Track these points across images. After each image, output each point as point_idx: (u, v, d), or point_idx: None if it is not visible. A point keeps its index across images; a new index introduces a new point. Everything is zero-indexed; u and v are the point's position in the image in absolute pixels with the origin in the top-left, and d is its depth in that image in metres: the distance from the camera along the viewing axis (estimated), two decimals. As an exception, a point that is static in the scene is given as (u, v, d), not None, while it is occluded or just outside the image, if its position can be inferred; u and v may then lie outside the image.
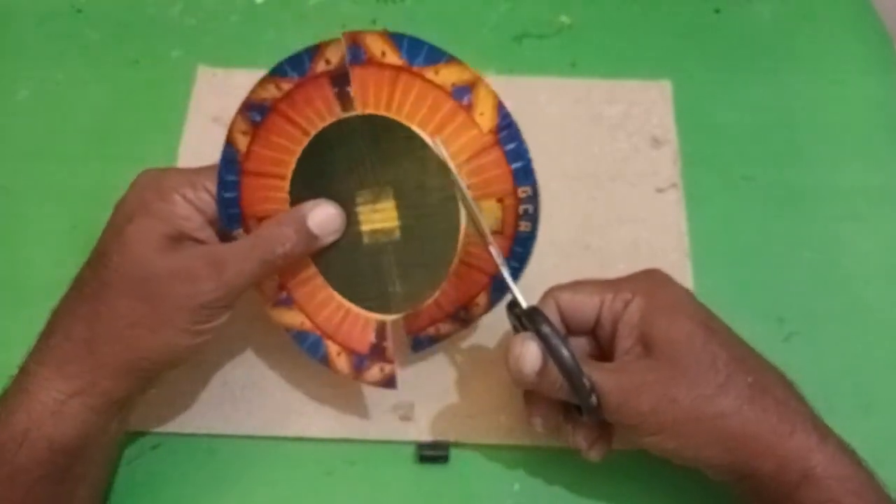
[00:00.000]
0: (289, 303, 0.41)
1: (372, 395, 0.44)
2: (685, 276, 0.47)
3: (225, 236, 0.40)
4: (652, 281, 0.39)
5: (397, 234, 0.40)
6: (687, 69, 0.55)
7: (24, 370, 0.37)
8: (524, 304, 0.37)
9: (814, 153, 0.52)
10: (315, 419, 0.44)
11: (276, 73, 0.39)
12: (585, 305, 0.38)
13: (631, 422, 0.36)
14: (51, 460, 0.35)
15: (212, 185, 0.39)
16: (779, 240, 0.49)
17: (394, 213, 0.40)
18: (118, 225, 0.38)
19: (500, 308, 0.41)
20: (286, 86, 0.39)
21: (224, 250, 0.38)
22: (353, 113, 0.39)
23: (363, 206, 0.40)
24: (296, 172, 0.39)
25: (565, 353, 0.35)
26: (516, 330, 0.39)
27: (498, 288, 0.41)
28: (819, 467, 0.34)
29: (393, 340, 0.41)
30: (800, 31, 0.57)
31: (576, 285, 0.39)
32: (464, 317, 0.42)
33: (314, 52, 0.38)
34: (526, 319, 0.37)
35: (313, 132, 0.39)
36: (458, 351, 0.45)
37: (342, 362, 0.41)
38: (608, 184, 0.51)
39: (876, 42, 0.57)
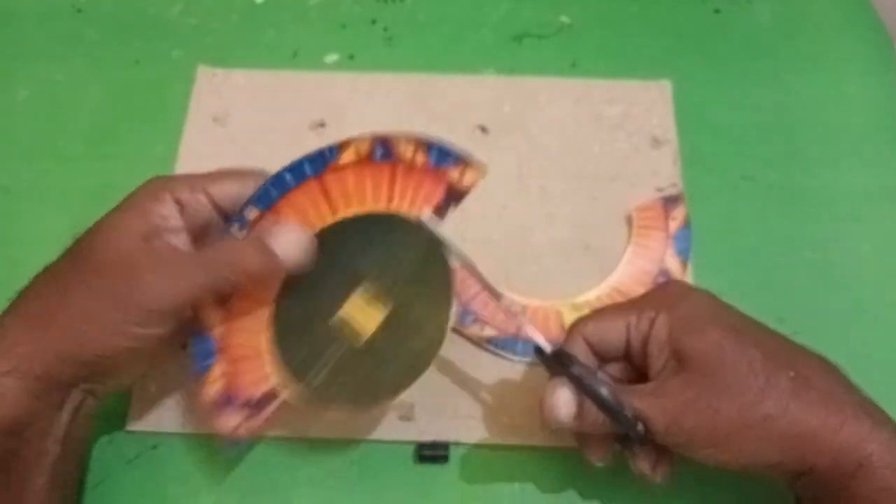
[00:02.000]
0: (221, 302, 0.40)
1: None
2: (685, 277, 0.47)
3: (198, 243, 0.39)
4: (672, 293, 0.38)
5: (360, 342, 0.39)
6: (687, 69, 0.55)
7: None
8: (548, 349, 0.37)
9: (814, 153, 0.52)
10: (315, 419, 0.43)
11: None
12: (612, 332, 0.38)
13: (681, 441, 0.35)
14: None
15: (212, 188, 0.39)
16: (779, 240, 0.49)
17: (374, 325, 0.39)
18: (104, 216, 0.38)
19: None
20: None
21: (181, 257, 0.37)
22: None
23: (360, 296, 0.39)
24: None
25: (602, 390, 0.35)
26: (550, 372, 0.38)
27: None
28: (874, 455, 0.33)
29: (270, 415, 0.39)
30: (800, 31, 0.57)
31: (598, 314, 0.39)
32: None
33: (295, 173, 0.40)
34: (555, 362, 0.37)
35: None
36: (457, 351, 0.45)
37: (214, 388, 0.39)
38: (608, 184, 0.51)
39: (876, 42, 0.57)
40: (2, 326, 0.36)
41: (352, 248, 0.40)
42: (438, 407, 0.44)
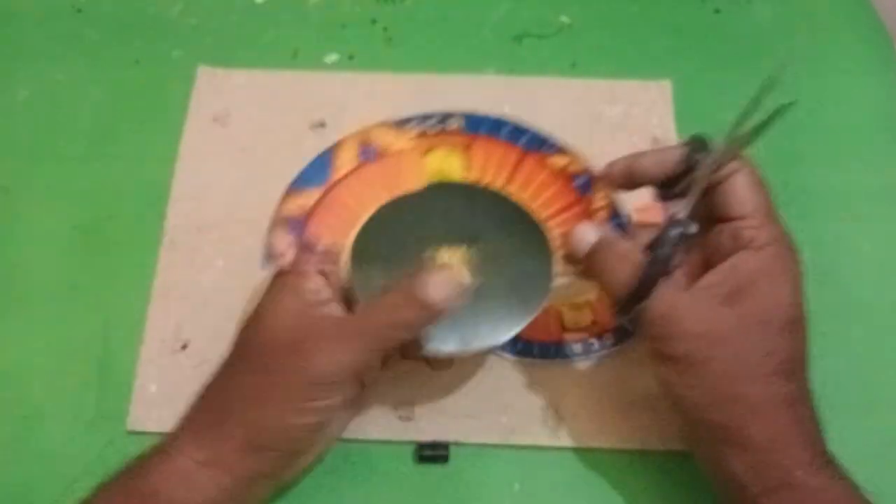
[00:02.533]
0: None
1: (372, 395, 0.44)
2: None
3: (349, 307, 0.39)
4: (785, 247, 0.37)
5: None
6: (687, 69, 0.55)
7: (171, 433, 0.37)
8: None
9: (814, 153, 0.52)
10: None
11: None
12: (668, 164, 0.38)
13: (671, 336, 0.35)
14: None
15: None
16: (779, 240, 0.49)
17: (465, 257, 0.40)
18: (262, 299, 0.39)
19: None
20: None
21: (341, 324, 0.37)
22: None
23: (453, 250, 0.40)
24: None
25: (671, 233, 0.36)
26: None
27: None
28: (799, 480, 0.34)
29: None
30: (800, 31, 0.57)
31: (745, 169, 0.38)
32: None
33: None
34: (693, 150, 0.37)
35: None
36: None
37: (297, 212, 0.41)
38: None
39: (876, 42, 0.57)
40: (193, 420, 0.37)
41: (486, 218, 0.41)
42: (438, 407, 0.44)
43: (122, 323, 0.46)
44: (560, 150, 0.41)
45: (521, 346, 0.45)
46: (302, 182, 0.39)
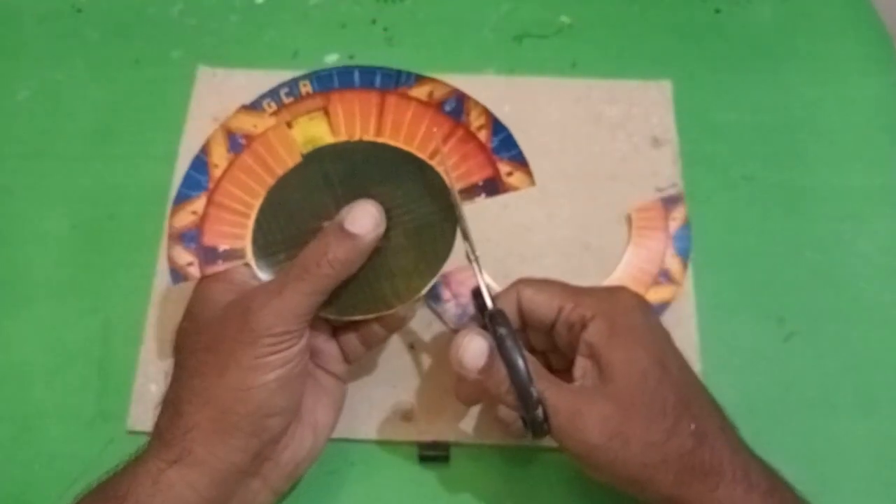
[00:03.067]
0: None
1: (372, 395, 0.44)
2: (685, 277, 0.47)
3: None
4: (616, 303, 0.38)
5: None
6: (687, 69, 0.55)
7: (147, 441, 0.37)
8: (490, 304, 0.37)
9: (814, 153, 0.52)
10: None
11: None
12: (544, 307, 0.39)
13: (576, 450, 0.35)
14: None
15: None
16: (779, 240, 0.49)
17: None
18: (192, 295, 0.39)
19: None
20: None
21: (271, 280, 0.38)
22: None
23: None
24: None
25: (519, 360, 0.35)
26: (479, 320, 0.39)
27: None
28: None
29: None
30: (800, 31, 0.57)
31: (542, 284, 0.39)
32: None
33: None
34: (487, 318, 0.37)
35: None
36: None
37: (187, 220, 0.40)
38: (608, 184, 0.51)
39: (876, 42, 0.57)
40: (158, 421, 0.37)
41: (370, 171, 0.40)
42: (438, 407, 0.44)
43: (122, 323, 0.46)
44: (418, 79, 0.40)
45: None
46: (184, 194, 0.39)
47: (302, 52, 0.56)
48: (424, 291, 0.39)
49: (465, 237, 0.38)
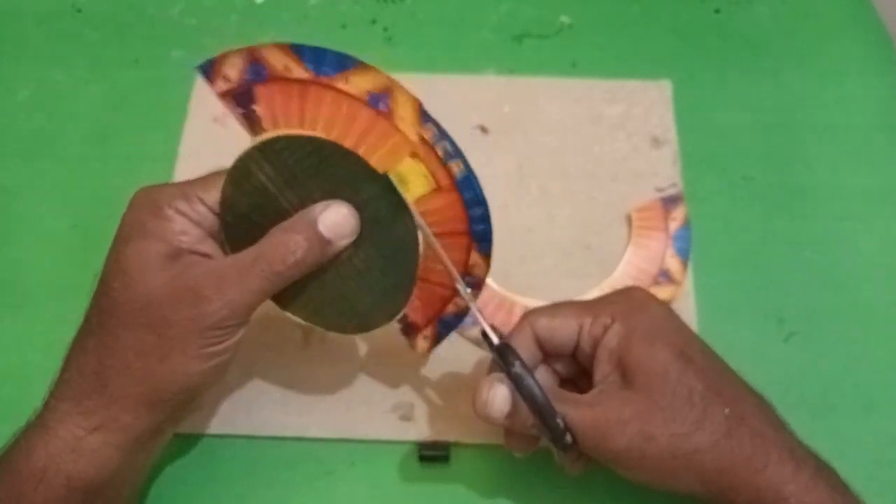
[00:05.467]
0: None
1: (372, 395, 0.44)
2: (685, 277, 0.47)
3: (231, 247, 0.37)
4: (631, 303, 0.38)
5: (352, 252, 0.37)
6: (687, 69, 0.55)
7: (45, 405, 0.36)
8: (495, 341, 0.36)
9: (814, 153, 0.52)
10: (315, 419, 0.44)
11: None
12: (564, 330, 0.38)
13: (608, 456, 0.35)
14: (69, 498, 0.34)
15: (206, 196, 0.36)
16: (779, 240, 0.49)
17: None
18: (117, 249, 0.36)
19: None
20: None
21: (227, 265, 0.35)
22: (266, 136, 0.36)
23: None
24: (226, 207, 0.36)
25: (537, 394, 0.34)
26: (494, 360, 0.38)
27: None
28: (793, 498, 0.34)
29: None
30: (800, 31, 0.57)
31: (553, 309, 0.38)
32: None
33: (210, 68, 0.37)
34: (497, 356, 0.36)
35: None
36: (457, 351, 0.45)
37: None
38: (608, 184, 0.51)
39: (876, 42, 0.57)
40: (70, 386, 0.35)
41: (313, 169, 0.36)
42: (438, 407, 0.44)
43: (122, 323, 0.46)
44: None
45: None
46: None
47: (302, 52, 0.56)
48: (401, 314, 0.38)
49: (454, 279, 0.37)
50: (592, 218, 0.50)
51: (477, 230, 0.37)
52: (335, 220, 0.35)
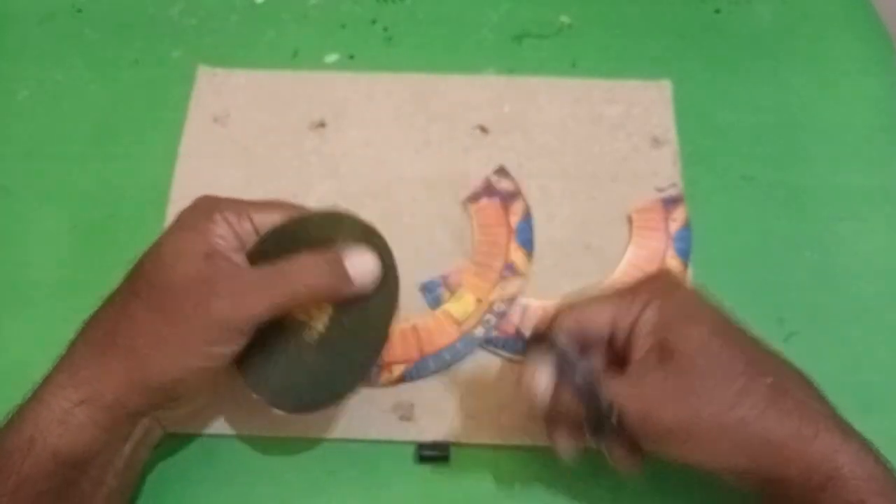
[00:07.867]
0: None
1: (372, 395, 0.44)
2: (684, 277, 0.47)
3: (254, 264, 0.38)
4: (662, 285, 0.38)
5: (313, 338, 0.39)
6: (687, 69, 0.55)
7: (45, 378, 0.36)
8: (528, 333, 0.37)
9: (814, 153, 0.52)
10: (315, 419, 0.43)
11: None
12: (598, 320, 0.38)
13: (654, 435, 0.35)
14: (56, 472, 0.34)
15: (256, 216, 0.39)
16: (779, 240, 0.49)
17: (325, 318, 0.39)
18: (162, 238, 0.38)
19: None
20: None
21: (249, 272, 0.37)
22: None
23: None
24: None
25: (580, 371, 0.35)
26: (529, 353, 0.38)
27: None
28: (845, 468, 0.33)
29: None
30: (800, 31, 0.57)
31: (585, 303, 0.38)
32: None
33: None
34: (536, 344, 0.37)
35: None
36: (458, 351, 0.45)
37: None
38: (608, 184, 0.51)
39: (876, 42, 0.57)
40: (71, 357, 0.36)
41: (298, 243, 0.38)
42: (438, 407, 0.44)
43: (122, 323, 0.46)
44: None
45: (522, 346, 0.45)
46: None
47: (302, 52, 0.56)
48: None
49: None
50: (592, 218, 0.50)
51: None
52: (362, 263, 0.37)
